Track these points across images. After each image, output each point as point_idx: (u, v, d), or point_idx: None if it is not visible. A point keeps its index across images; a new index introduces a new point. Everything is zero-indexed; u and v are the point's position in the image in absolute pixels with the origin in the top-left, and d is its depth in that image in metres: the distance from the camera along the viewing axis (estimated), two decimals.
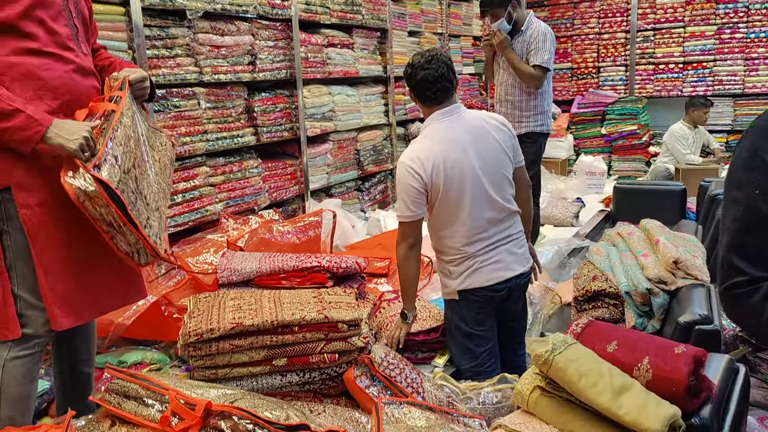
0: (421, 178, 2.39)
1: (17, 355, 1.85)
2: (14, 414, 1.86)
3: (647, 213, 3.48)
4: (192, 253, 3.21)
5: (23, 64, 1.78)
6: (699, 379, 1.66)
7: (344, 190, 4.91)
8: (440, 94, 2.47)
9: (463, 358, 2.57)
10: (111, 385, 1.87)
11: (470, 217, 2.44)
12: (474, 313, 2.52)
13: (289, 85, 4.23)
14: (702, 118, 6.36)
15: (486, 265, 2.48)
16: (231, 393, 1.82)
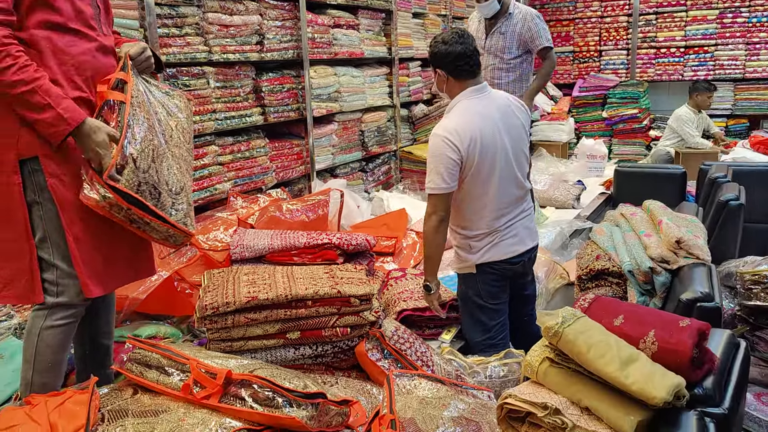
0: (459, 150, 2.42)
1: (53, 324, 1.92)
2: (47, 380, 1.93)
3: (648, 196, 3.53)
4: (202, 230, 3.26)
5: (50, 38, 1.83)
6: (702, 352, 1.72)
7: (349, 171, 4.96)
8: (476, 68, 2.52)
9: (476, 331, 2.64)
10: (133, 355, 1.93)
11: (498, 193, 2.52)
12: (489, 286, 2.59)
13: (296, 65, 4.25)
14: (705, 102, 6.40)
15: (505, 239, 2.56)
16: (249, 363, 1.89)
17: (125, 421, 1.68)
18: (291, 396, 1.70)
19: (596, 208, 5.10)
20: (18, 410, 1.64)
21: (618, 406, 1.60)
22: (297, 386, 1.74)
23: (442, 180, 2.43)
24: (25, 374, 1.94)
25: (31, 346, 1.92)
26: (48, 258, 1.90)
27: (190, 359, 1.83)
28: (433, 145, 2.46)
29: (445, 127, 2.46)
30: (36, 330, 1.92)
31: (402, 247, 3.56)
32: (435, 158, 2.45)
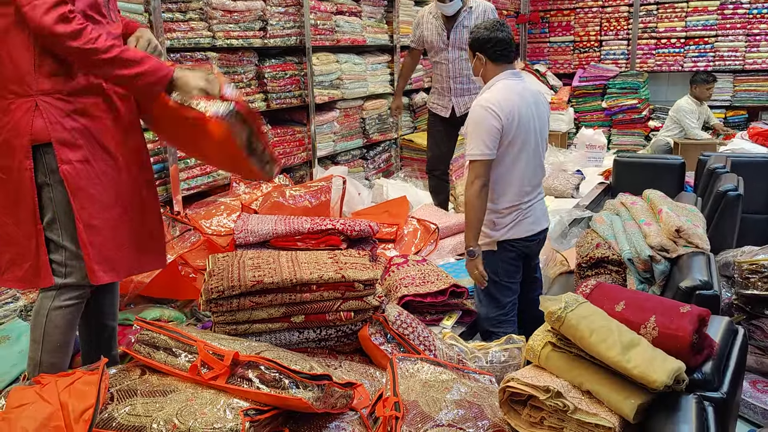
0: (501, 119, 2.57)
1: (61, 304, 1.95)
2: (56, 360, 1.96)
3: (646, 186, 3.56)
4: (205, 215, 3.28)
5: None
6: (702, 338, 1.76)
7: (350, 158, 4.97)
8: (512, 55, 2.71)
9: (491, 307, 2.79)
10: (140, 336, 1.96)
11: (525, 172, 2.69)
12: (507, 264, 2.76)
13: (299, 52, 4.25)
14: (705, 93, 6.42)
15: (527, 218, 2.74)
16: (256, 345, 1.91)
17: (134, 401, 1.70)
18: (297, 377, 1.73)
19: (595, 198, 5.13)
20: (28, 389, 1.66)
21: (619, 389, 1.63)
22: (303, 368, 1.77)
23: (486, 146, 2.56)
24: (34, 354, 1.96)
25: (40, 327, 1.94)
26: (57, 239, 1.92)
27: (198, 341, 1.85)
28: (477, 115, 2.60)
29: (488, 99, 2.60)
30: (44, 311, 1.94)
31: (403, 234, 3.59)
32: (478, 126, 2.58)
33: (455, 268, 3.33)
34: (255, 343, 1.96)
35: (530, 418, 1.77)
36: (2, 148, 1.88)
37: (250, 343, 1.94)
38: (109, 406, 1.70)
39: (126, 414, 1.67)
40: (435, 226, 3.59)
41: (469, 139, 2.62)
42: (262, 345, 1.94)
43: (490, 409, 1.89)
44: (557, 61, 8.26)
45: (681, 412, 1.57)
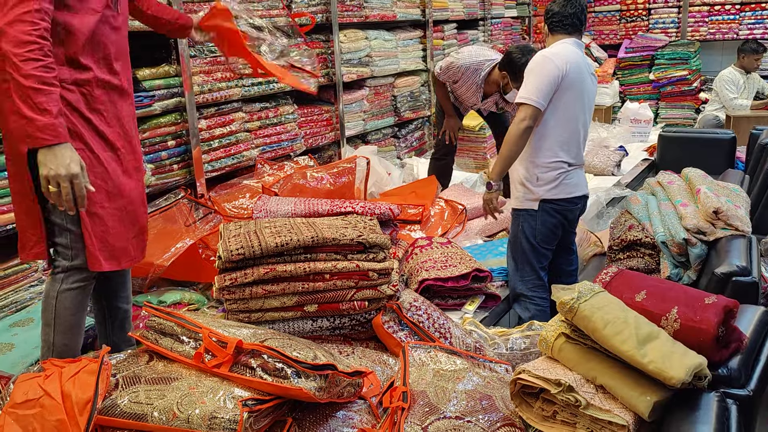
0: (558, 69, 2.59)
1: (69, 287, 1.98)
2: (68, 341, 2.00)
3: (693, 162, 3.37)
4: (228, 198, 3.28)
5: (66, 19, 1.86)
6: (729, 330, 1.64)
7: (381, 137, 4.89)
8: (570, 28, 2.74)
9: (525, 271, 2.79)
10: (149, 322, 1.95)
11: (572, 132, 2.70)
12: (546, 228, 2.74)
13: (325, 29, 4.18)
14: (753, 64, 6.08)
15: (569, 179, 2.72)
16: (262, 332, 1.88)
17: (138, 388, 1.70)
18: (299, 367, 1.69)
19: (638, 175, 4.92)
20: (33, 381, 1.67)
21: (634, 385, 1.53)
22: (306, 357, 1.73)
23: (539, 93, 2.58)
24: (47, 337, 2.00)
25: (50, 310, 1.98)
26: (61, 222, 1.94)
27: (203, 328, 1.83)
28: (535, 63, 2.63)
29: (548, 51, 2.66)
30: (54, 293, 1.98)
31: (430, 215, 3.50)
32: (534, 73, 2.61)
33: (482, 249, 3.24)
34: (262, 331, 1.92)
35: (542, 412, 1.69)
36: (6, 133, 1.90)
37: (257, 331, 1.91)
38: (114, 392, 1.70)
39: (128, 402, 1.66)
40: (462, 207, 3.49)
41: (525, 82, 2.63)
42: (269, 333, 1.90)
43: (502, 401, 1.82)
44: (602, 32, 7.93)
45: (700, 411, 1.47)
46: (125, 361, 1.88)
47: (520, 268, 2.80)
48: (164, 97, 3.18)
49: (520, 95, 2.63)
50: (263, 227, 2.27)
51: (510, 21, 6.71)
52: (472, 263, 2.76)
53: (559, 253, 2.92)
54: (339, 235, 2.20)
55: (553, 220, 2.73)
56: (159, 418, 1.62)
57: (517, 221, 2.80)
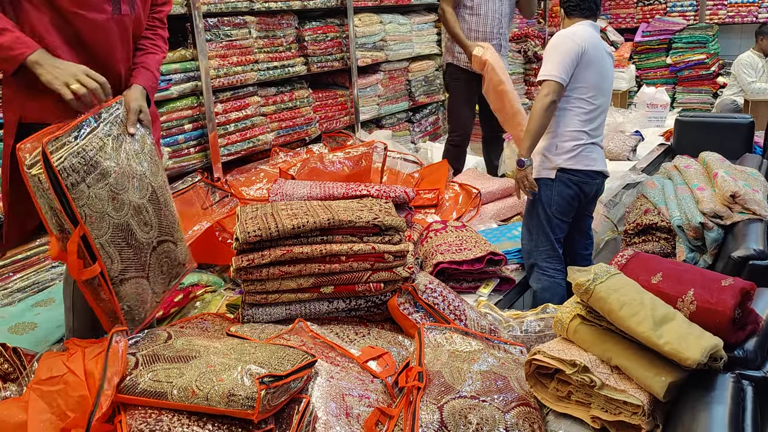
0: (578, 46, 2.66)
1: None
2: (87, 325, 2.02)
3: (710, 147, 3.34)
4: (245, 182, 3.30)
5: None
6: (746, 313, 1.64)
7: (395, 122, 4.88)
8: (586, 12, 2.80)
9: (540, 240, 2.82)
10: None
11: (594, 107, 2.75)
12: (562, 198, 2.78)
13: (340, 13, 4.16)
14: None
15: (587, 153, 2.77)
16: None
17: (156, 366, 1.72)
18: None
19: (653, 161, 4.88)
20: (57, 359, 1.71)
21: (649, 366, 1.54)
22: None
23: (561, 69, 2.64)
24: (68, 321, 2.03)
25: (68, 295, 2.00)
26: None
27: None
28: (556, 42, 2.70)
29: (566, 31, 2.73)
30: (71, 279, 1.99)
31: (444, 199, 3.51)
32: (555, 50, 2.68)
33: (496, 233, 3.24)
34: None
35: (557, 392, 1.71)
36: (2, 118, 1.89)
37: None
38: (134, 371, 1.73)
39: (149, 380, 1.69)
40: (477, 191, 3.49)
41: (545, 61, 2.69)
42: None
43: (516, 382, 1.83)
44: (619, 15, 7.84)
45: (716, 392, 1.48)
46: (144, 340, 1.91)
47: (535, 238, 2.84)
48: (181, 81, 3.20)
49: (542, 73, 2.68)
50: (280, 209, 2.29)
51: None
52: (487, 247, 2.77)
53: (575, 237, 2.93)
54: (355, 217, 2.21)
55: (569, 191, 2.76)
56: (178, 396, 1.64)
57: (534, 191, 2.83)
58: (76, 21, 1.82)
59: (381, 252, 2.22)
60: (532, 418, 1.68)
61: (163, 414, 1.62)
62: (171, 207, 2.08)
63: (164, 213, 2.02)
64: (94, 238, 1.72)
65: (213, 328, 2.32)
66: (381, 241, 2.25)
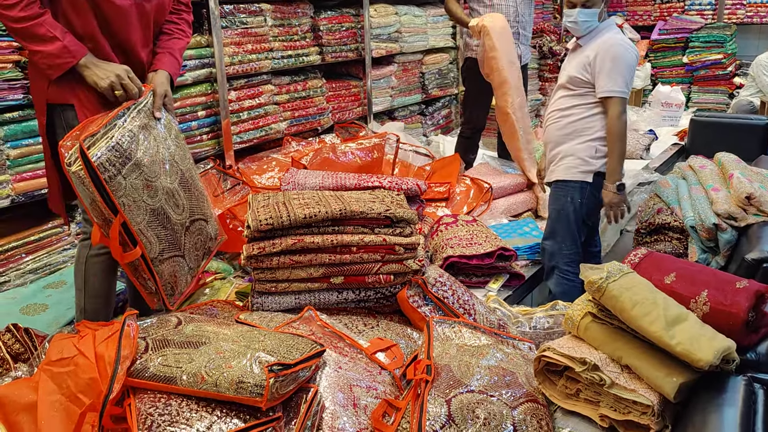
0: (636, 57, 2.69)
1: (97, 252, 2.04)
2: (98, 306, 2.05)
3: (725, 148, 3.30)
4: (257, 170, 3.30)
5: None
6: (760, 315, 1.62)
7: (407, 114, 4.87)
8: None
9: (567, 242, 2.80)
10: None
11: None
12: (593, 202, 2.80)
13: (356, 3, 4.15)
14: None
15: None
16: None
17: (166, 351, 1.73)
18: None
19: (667, 160, 4.85)
20: (67, 340, 1.72)
21: (660, 366, 1.53)
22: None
23: (626, 84, 2.64)
24: (79, 302, 2.05)
25: (80, 275, 2.03)
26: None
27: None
28: (619, 53, 2.64)
29: (621, 38, 2.69)
30: (83, 260, 2.04)
31: (455, 192, 3.50)
32: (620, 62, 2.63)
33: (507, 229, 3.24)
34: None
35: (566, 390, 1.70)
36: (33, 98, 2.02)
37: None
38: (144, 355, 1.74)
39: (159, 364, 1.70)
40: (488, 186, 3.48)
41: (610, 75, 2.62)
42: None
43: (525, 378, 1.83)
44: (636, 12, 7.77)
45: (727, 394, 1.46)
46: (154, 325, 1.92)
47: (561, 241, 2.81)
48: (196, 67, 3.20)
49: (613, 89, 2.63)
50: (292, 198, 2.29)
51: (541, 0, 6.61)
52: (498, 242, 2.76)
53: (586, 235, 2.91)
54: (367, 208, 2.20)
55: (600, 194, 2.77)
56: (188, 381, 1.65)
57: (565, 193, 2.80)
58: (104, 6, 1.91)
59: (392, 244, 2.22)
60: (540, 415, 1.68)
61: (172, 399, 1.62)
62: (199, 186, 2.21)
63: (194, 193, 2.14)
64: (133, 225, 1.86)
65: (222, 315, 2.33)
66: (392, 233, 2.24)
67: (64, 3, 1.89)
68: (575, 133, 2.76)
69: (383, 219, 2.23)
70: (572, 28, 2.77)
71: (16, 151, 2.60)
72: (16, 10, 1.79)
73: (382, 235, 2.22)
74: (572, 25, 2.74)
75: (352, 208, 2.18)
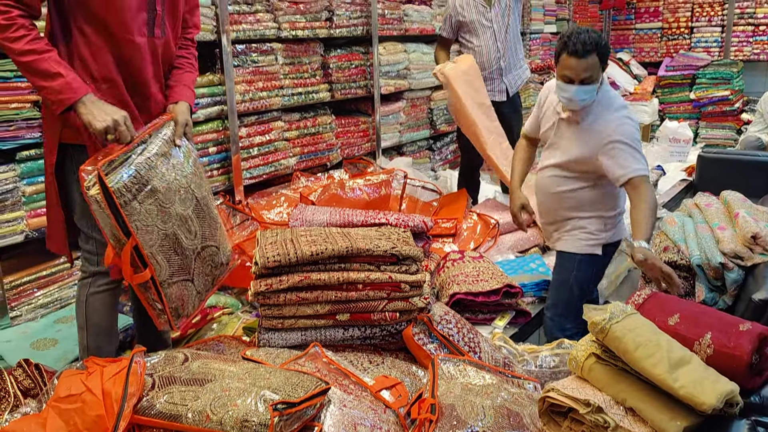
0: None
1: (97, 290, 2.06)
2: (100, 344, 2.06)
3: (733, 185, 3.31)
4: (266, 206, 3.35)
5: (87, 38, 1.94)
6: (763, 358, 1.62)
7: (416, 149, 4.92)
8: None
9: (570, 318, 2.65)
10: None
11: None
12: (601, 272, 2.78)
13: (365, 41, 4.24)
14: None
15: (624, 218, 2.74)
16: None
17: (173, 388, 1.75)
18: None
19: (675, 196, 4.85)
20: (76, 377, 1.74)
21: (664, 409, 1.53)
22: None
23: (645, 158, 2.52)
24: (82, 340, 2.08)
25: (82, 314, 2.06)
26: (87, 231, 2.04)
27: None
28: (632, 132, 2.49)
29: (629, 112, 2.55)
30: (83, 298, 2.06)
31: (462, 228, 3.52)
32: (636, 142, 2.49)
33: (514, 265, 3.24)
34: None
35: (570, 431, 1.70)
36: (44, 138, 2.05)
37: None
38: (150, 392, 1.75)
39: (165, 402, 1.71)
40: (495, 222, 3.50)
41: (633, 156, 2.45)
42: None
43: (529, 418, 1.82)
44: (643, 49, 7.86)
45: None
46: (162, 362, 1.94)
47: (562, 314, 2.67)
48: (208, 104, 3.27)
49: (638, 168, 2.44)
50: (299, 235, 2.32)
51: (549, 36, 6.70)
52: (504, 279, 2.77)
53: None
54: (373, 246, 2.23)
55: (607, 262, 2.76)
56: (193, 420, 1.66)
57: (571, 265, 2.69)
58: (124, 45, 1.97)
59: (398, 281, 2.23)
60: None
61: None
62: (213, 213, 2.25)
63: (207, 220, 2.18)
64: (145, 248, 1.91)
65: (229, 350, 2.34)
66: (398, 270, 2.26)
67: (81, 46, 1.93)
68: (581, 207, 2.67)
69: (389, 256, 2.25)
70: (567, 104, 2.54)
71: (31, 187, 2.66)
72: (21, 43, 1.80)
73: (388, 273, 2.24)
74: (567, 101, 2.52)
75: (358, 246, 2.21)
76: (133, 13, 1.95)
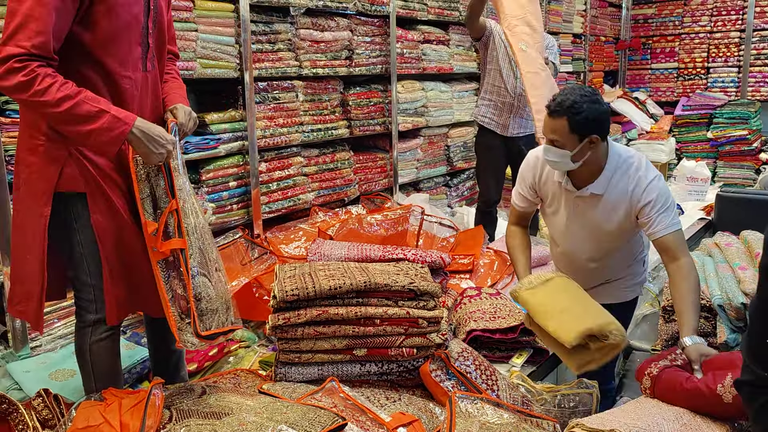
0: None
1: (99, 338, 2.02)
2: (110, 385, 2.04)
3: (753, 224, 3.28)
4: (285, 240, 3.37)
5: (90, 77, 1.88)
6: None
7: (433, 185, 4.96)
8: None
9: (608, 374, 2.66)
10: None
11: None
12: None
13: (384, 80, 4.31)
14: None
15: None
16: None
17: (190, 421, 1.75)
18: None
19: (693, 235, 4.81)
20: (95, 408, 1.75)
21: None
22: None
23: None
24: (89, 387, 2.05)
25: (86, 362, 2.03)
26: (85, 279, 1.97)
27: None
28: (666, 191, 2.36)
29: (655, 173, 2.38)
30: (86, 347, 2.02)
31: (479, 264, 3.51)
32: (669, 199, 2.36)
33: None
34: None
35: None
36: (26, 188, 1.88)
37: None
38: (168, 425, 1.76)
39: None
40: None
41: (666, 215, 2.32)
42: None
43: None
44: (659, 89, 7.91)
45: None
46: (179, 394, 1.95)
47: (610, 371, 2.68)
48: (229, 140, 3.34)
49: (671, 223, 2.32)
50: (317, 270, 2.33)
51: (565, 76, 6.77)
52: (521, 316, 2.75)
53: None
54: (391, 281, 2.24)
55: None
56: None
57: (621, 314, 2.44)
58: (123, 81, 1.92)
59: (415, 317, 2.23)
60: None
61: None
62: (216, 250, 2.21)
63: (213, 246, 2.17)
64: (184, 218, 1.94)
65: (245, 384, 2.34)
66: (416, 306, 2.26)
67: (84, 84, 1.81)
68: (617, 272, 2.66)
69: (407, 292, 2.25)
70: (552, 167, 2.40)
71: None
72: (51, 93, 1.68)
73: (406, 308, 2.24)
74: (551, 164, 2.36)
75: (376, 281, 2.22)
76: (131, 48, 1.92)
